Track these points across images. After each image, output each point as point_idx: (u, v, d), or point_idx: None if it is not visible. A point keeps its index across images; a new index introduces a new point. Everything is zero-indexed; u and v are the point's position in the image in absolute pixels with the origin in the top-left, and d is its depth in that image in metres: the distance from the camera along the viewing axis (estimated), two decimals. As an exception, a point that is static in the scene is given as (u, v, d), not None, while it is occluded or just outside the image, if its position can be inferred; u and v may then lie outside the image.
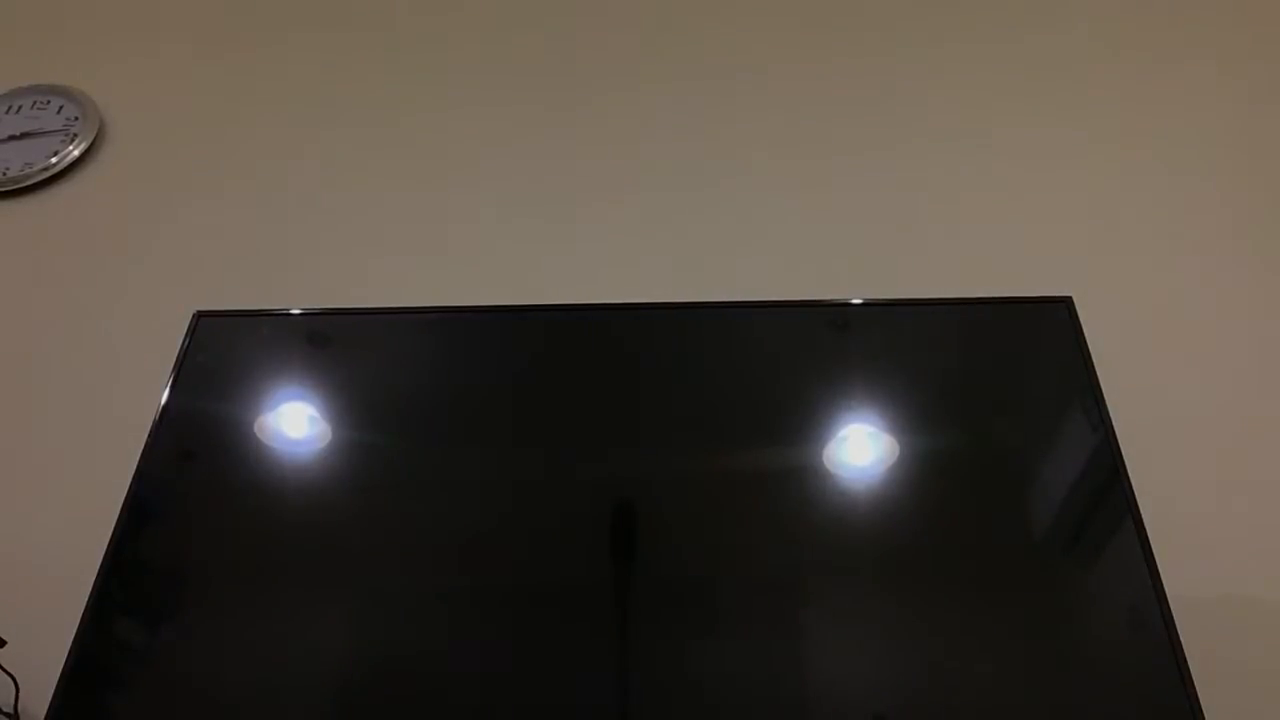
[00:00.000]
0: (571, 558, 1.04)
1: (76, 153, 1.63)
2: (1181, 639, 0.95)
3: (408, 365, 1.18)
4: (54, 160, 1.62)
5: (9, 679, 1.11)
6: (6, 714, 1.11)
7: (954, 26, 1.73)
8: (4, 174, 1.61)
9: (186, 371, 1.16)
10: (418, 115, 1.67)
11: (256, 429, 1.13)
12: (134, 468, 1.10)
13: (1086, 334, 1.13)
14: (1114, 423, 1.07)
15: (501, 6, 1.82)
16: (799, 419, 1.10)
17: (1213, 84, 1.62)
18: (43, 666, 1.03)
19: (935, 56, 1.69)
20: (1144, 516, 1.01)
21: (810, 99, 1.65)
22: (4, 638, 1.11)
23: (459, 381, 1.17)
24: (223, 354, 1.18)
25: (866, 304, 1.20)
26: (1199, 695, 0.92)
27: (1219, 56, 1.66)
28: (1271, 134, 1.55)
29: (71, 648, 0.99)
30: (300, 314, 1.22)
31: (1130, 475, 1.04)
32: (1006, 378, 1.14)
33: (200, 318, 1.20)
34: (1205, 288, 1.39)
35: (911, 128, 1.60)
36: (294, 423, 1.14)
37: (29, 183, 1.60)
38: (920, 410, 1.10)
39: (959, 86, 1.65)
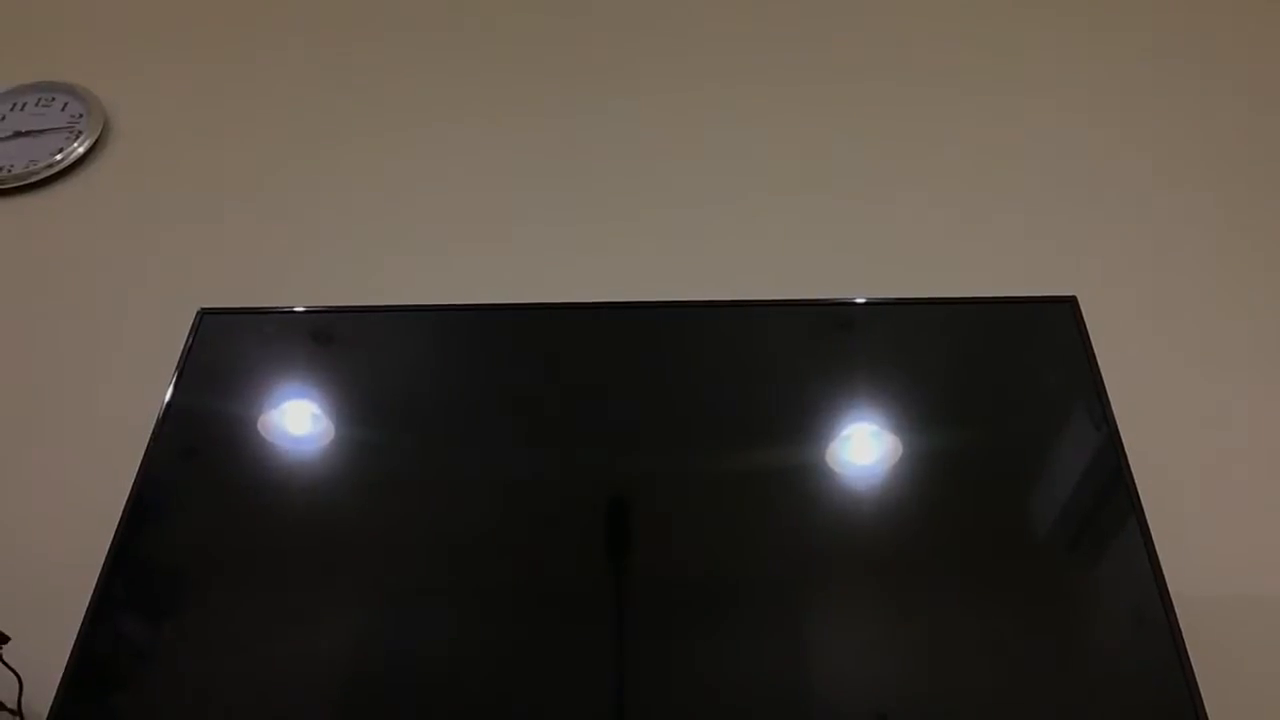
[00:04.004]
0: (572, 557, 1.04)
1: (81, 150, 1.63)
2: (1184, 638, 0.94)
3: (411, 364, 1.18)
4: (58, 158, 1.62)
5: (13, 675, 1.11)
6: (10, 710, 1.11)
7: (954, 26, 1.73)
8: (9, 171, 1.61)
9: (190, 369, 1.16)
10: (421, 114, 1.67)
11: (260, 427, 1.13)
12: (138, 465, 1.10)
13: (1091, 333, 1.13)
14: (1118, 422, 1.07)
15: (505, 9, 1.82)
16: (802, 418, 1.10)
17: (1215, 84, 1.62)
18: (46, 663, 1.04)
19: (936, 56, 1.69)
20: (1147, 515, 1.01)
21: (812, 98, 1.65)
22: (8, 634, 1.11)
23: (461, 380, 1.17)
24: (227, 352, 1.18)
25: (870, 303, 1.20)
26: (1202, 694, 0.92)
27: (1221, 57, 1.66)
28: (1273, 134, 1.55)
29: (75, 644, 0.99)
30: (304, 312, 1.23)
31: (1134, 474, 1.04)
32: (1010, 377, 1.14)
33: (204, 315, 1.21)
34: (1209, 287, 1.39)
35: (915, 127, 1.60)
36: (297, 421, 1.14)
37: (33, 180, 1.61)
38: (924, 410, 1.10)
39: (961, 85, 1.64)
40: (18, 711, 1.10)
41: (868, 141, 1.58)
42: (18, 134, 1.66)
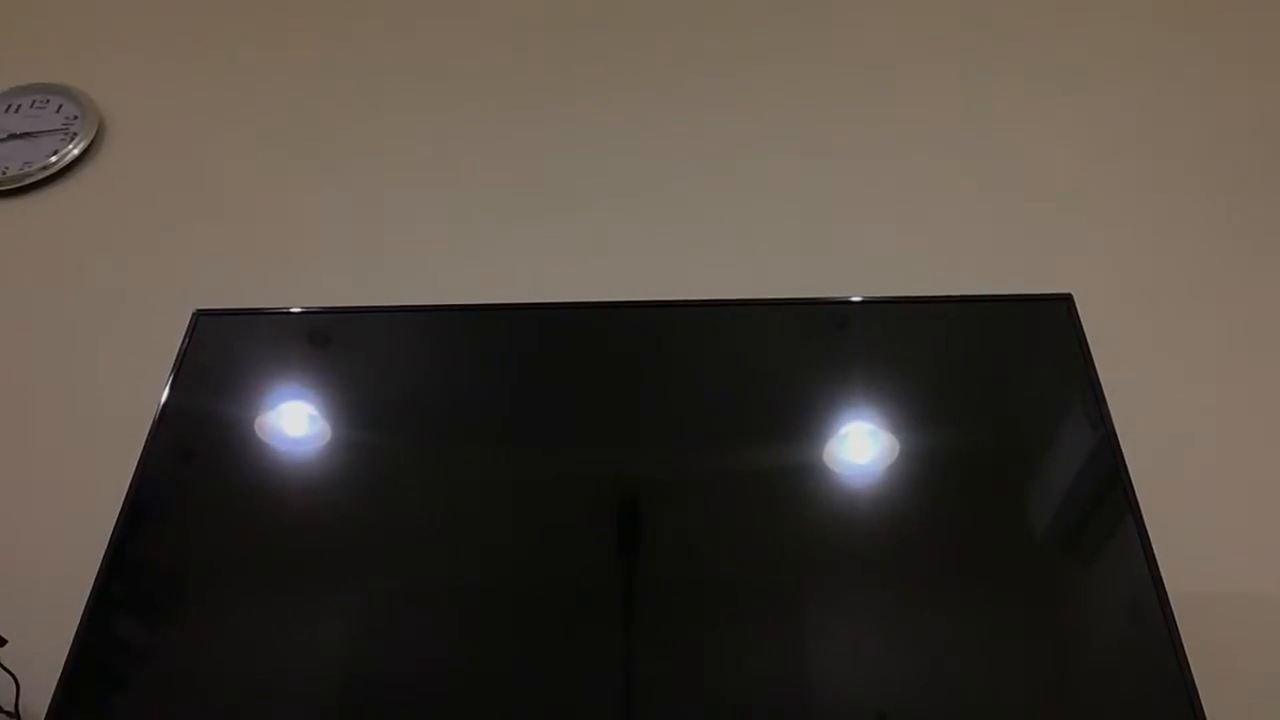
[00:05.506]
0: (571, 557, 1.04)
1: (76, 152, 1.63)
2: (1182, 637, 0.94)
3: (408, 364, 1.18)
4: (53, 159, 1.62)
5: (10, 678, 1.11)
6: (7, 712, 1.11)
7: (953, 24, 1.73)
8: (3, 173, 1.61)
9: (186, 370, 1.16)
10: (417, 114, 1.67)
11: (257, 428, 1.13)
12: (134, 466, 1.10)
13: (1087, 331, 1.13)
14: (1114, 421, 1.07)
15: (502, 7, 1.82)
16: (799, 417, 1.10)
17: (1215, 82, 1.62)
18: (43, 665, 1.03)
19: (935, 54, 1.69)
20: (1144, 514, 1.01)
21: (810, 98, 1.65)
22: (5, 636, 1.11)
23: (459, 380, 1.17)
24: (222, 353, 1.18)
25: (866, 301, 1.20)
26: (1199, 693, 0.92)
27: (1221, 54, 1.66)
28: (1273, 132, 1.55)
29: (72, 646, 0.99)
30: (300, 313, 1.22)
31: (1130, 473, 1.04)
32: (1007, 375, 1.14)
33: (200, 316, 1.20)
34: (1206, 285, 1.39)
35: (912, 125, 1.60)
36: (294, 422, 1.14)
37: (28, 182, 1.60)
38: (920, 408, 1.10)
39: (959, 84, 1.65)
40: (15, 714, 1.10)
41: (864, 139, 1.58)
42: (12, 136, 1.66)
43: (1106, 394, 1.09)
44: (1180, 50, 1.67)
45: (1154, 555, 0.99)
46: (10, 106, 1.70)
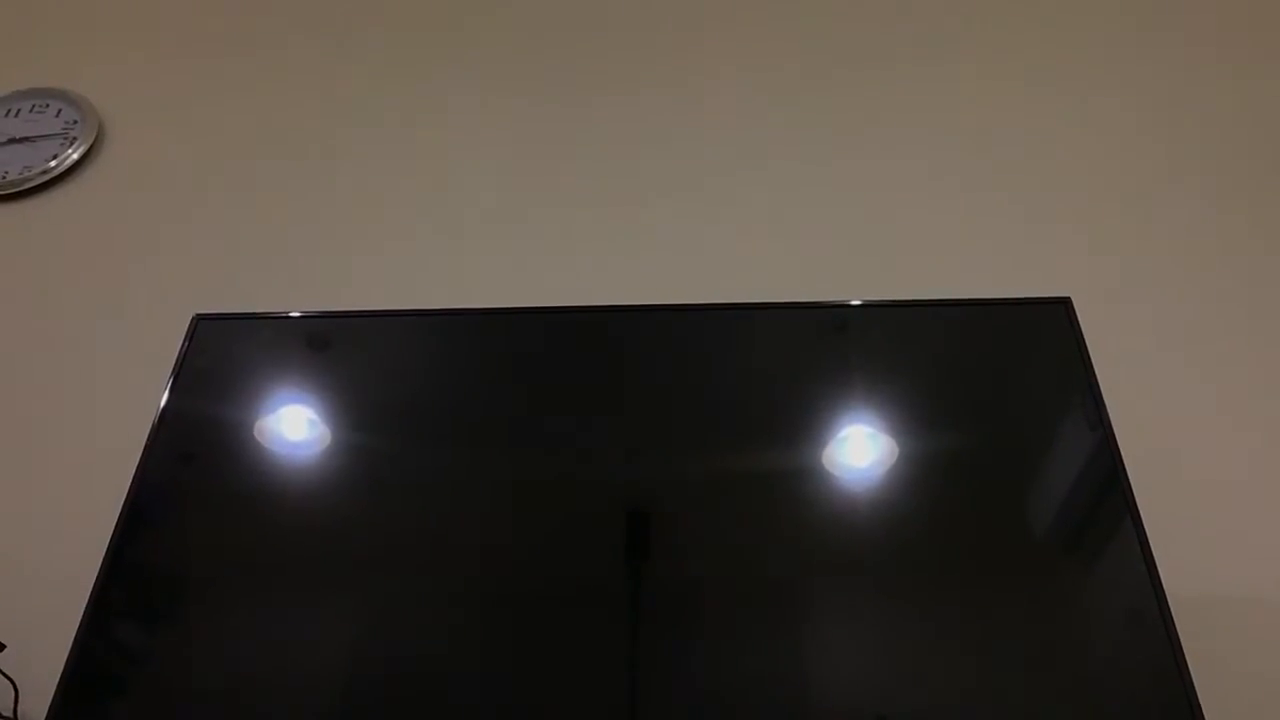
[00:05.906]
0: (572, 560, 1.04)
1: (75, 156, 1.63)
2: (1181, 639, 0.94)
3: (408, 368, 1.18)
4: (53, 164, 1.62)
5: (8, 683, 1.11)
6: (6, 718, 1.11)
7: (952, 25, 1.73)
8: (3, 177, 1.61)
9: (186, 374, 1.16)
10: (418, 117, 1.67)
11: (256, 432, 1.13)
12: (134, 470, 1.10)
13: (1085, 335, 1.13)
14: (1113, 423, 1.07)
15: (503, 9, 1.82)
16: (799, 420, 1.10)
17: (1214, 83, 1.62)
18: (42, 670, 1.03)
19: (934, 56, 1.69)
20: (1143, 517, 1.01)
21: (809, 100, 1.65)
22: (3, 641, 1.11)
23: (459, 384, 1.17)
24: (222, 357, 1.18)
25: (865, 305, 1.20)
26: (1199, 695, 0.92)
27: (1219, 53, 1.66)
28: (1272, 135, 1.55)
29: (71, 651, 0.99)
30: (300, 316, 1.22)
31: (1129, 475, 1.04)
32: (1006, 379, 1.14)
33: (199, 320, 1.20)
34: (1205, 287, 1.39)
35: (911, 128, 1.60)
36: (294, 425, 1.14)
37: (28, 186, 1.60)
38: (919, 411, 1.10)
39: (958, 86, 1.65)
40: (14, 719, 1.10)
41: (863, 141, 1.58)
42: (12, 140, 1.66)
43: (1105, 396, 1.09)
44: (1180, 51, 1.67)
45: (1153, 557, 0.99)
46: (10, 111, 1.70)
